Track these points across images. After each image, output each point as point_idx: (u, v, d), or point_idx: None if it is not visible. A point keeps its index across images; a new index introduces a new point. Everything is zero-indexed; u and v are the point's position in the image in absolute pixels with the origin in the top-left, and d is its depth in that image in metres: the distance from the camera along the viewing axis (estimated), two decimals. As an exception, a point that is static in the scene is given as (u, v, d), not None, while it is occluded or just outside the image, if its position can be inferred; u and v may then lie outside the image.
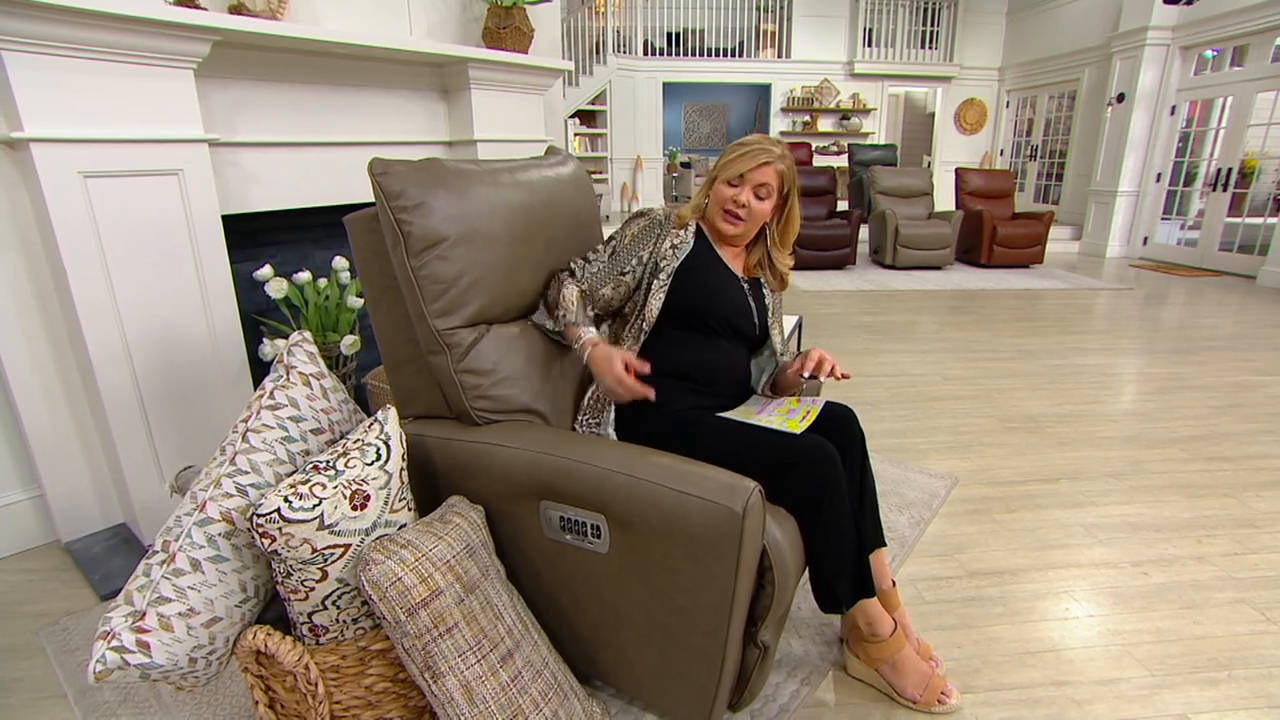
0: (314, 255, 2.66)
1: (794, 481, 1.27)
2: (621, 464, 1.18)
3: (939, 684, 1.39)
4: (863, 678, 1.46)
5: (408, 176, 1.24)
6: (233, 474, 1.11)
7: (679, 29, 10.08)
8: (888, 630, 1.39)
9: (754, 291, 1.56)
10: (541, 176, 1.52)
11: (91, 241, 1.71)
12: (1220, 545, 1.99)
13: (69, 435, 1.94)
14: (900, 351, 3.94)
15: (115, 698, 1.44)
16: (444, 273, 1.27)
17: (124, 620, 0.98)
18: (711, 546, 1.10)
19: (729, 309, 1.49)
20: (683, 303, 1.46)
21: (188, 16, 1.73)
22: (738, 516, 1.07)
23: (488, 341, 1.36)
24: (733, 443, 1.33)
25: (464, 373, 1.33)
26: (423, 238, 1.25)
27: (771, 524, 1.21)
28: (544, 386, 1.44)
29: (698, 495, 1.10)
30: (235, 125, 2.12)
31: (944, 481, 2.35)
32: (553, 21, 3.23)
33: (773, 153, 1.44)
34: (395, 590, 1.04)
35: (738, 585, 1.12)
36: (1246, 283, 6.10)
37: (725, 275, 1.52)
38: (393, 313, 1.38)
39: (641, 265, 1.47)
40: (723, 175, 1.46)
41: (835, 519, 1.27)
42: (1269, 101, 6.21)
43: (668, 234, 1.48)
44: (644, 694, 1.35)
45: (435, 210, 1.25)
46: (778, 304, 1.63)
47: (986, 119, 10.35)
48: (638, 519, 1.16)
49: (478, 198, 1.33)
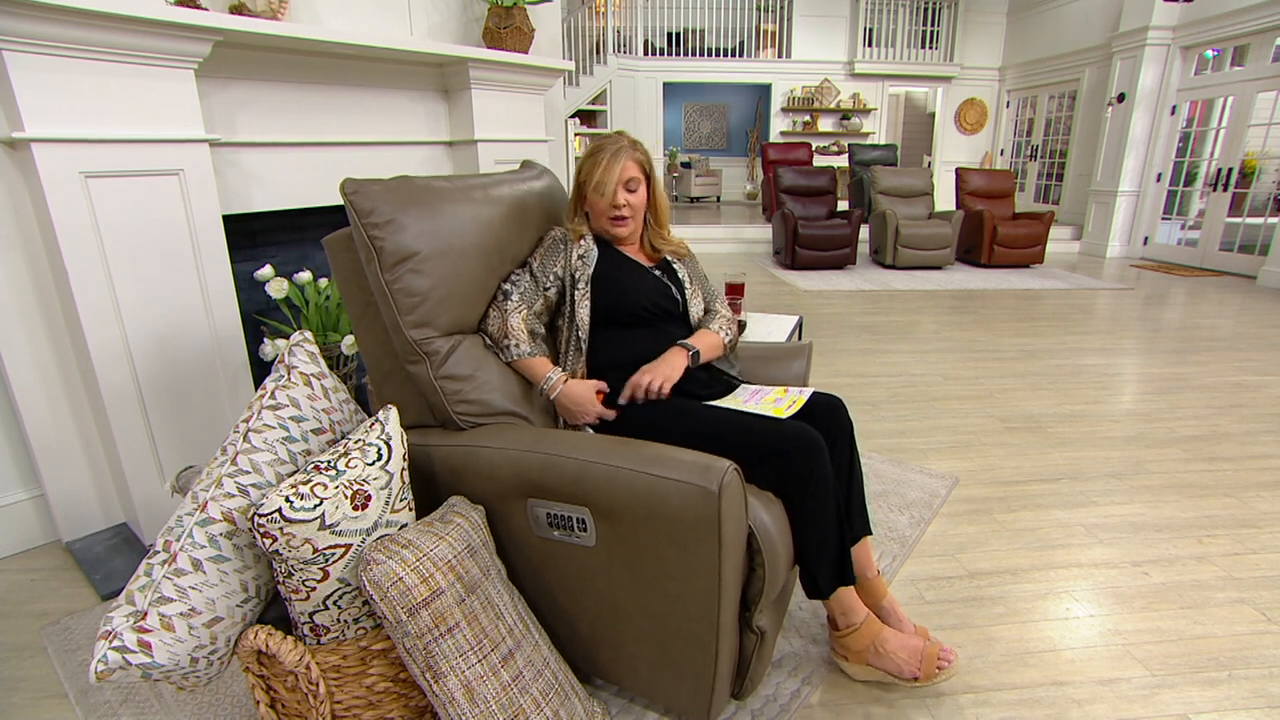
0: (315, 255, 2.66)
1: (779, 467, 1.29)
2: (600, 454, 1.20)
3: (933, 651, 1.37)
4: (865, 678, 1.45)
5: (379, 195, 1.29)
6: (234, 474, 1.11)
7: (679, 29, 10.08)
8: (860, 617, 1.40)
9: (666, 273, 1.64)
10: (513, 191, 1.58)
11: (92, 241, 1.72)
12: (1221, 545, 1.99)
13: (70, 435, 1.94)
14: (901, 351, 3.94)
15: (116, 697, 1.44)
16: (417, 286, 1.31)
17: (126, 620, 0.98)
18: (691, 528, 1.12)
19: (650, 294, 1.58)
20: (607, 303, 1.53)
21: (188, 17, 1.73)
22: (713, 495, 1.08)
23: (465, 349, 1.41)
24: (716, 429, 1.35)
25: (444, 379, 1.37)
26: (395, 253, 1.29)
27: (758, 507, 1.23)
28: (526, 389, 1.48)
29: (674, 478, 1.12)
30: (236, 125, 2.12)
31: (945, 481, 2.35)
32: (553, 21, 3.23)
33: (622, 144, 1.55)
34: (396, 590, 1.04)
35: (723, 566, 1.13)
36: (1247, 283, 6.10)
37: (635, 268, 1.60)
38: (373, 329, 1.42)
39: (559, 279, 1.53)
40: (591, 191, 1.55)
41: (818, 505, 1.28)
42: (1269, 101, 6.21)
43: (572, 248, 1.55)
44: (644, 689, 1.36)
45: (407, 226, 1.30)
46: (694, 273, 1.69)
47: (987, 119, 10.35)
48: (619, 508, 1.17)
49: (449, 213, 1.38)
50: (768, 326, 2.68)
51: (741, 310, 2.67)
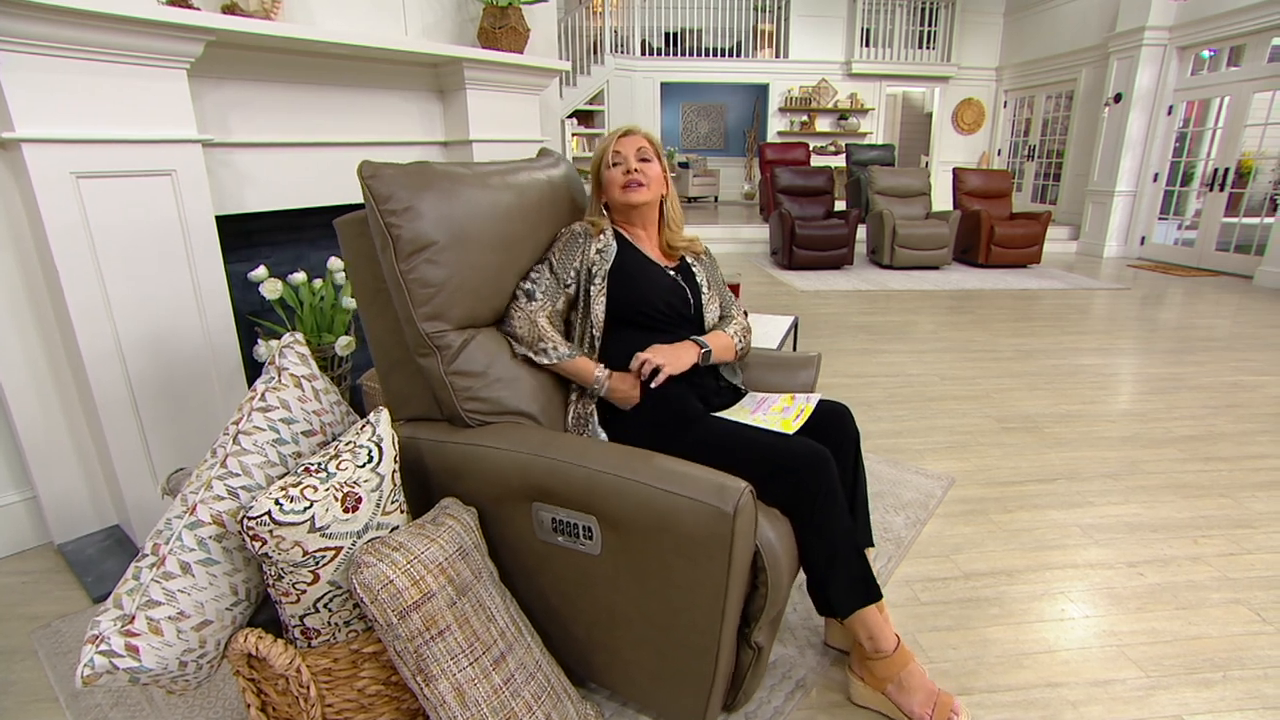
0: (310, 256, 2.65)
1: (787, 485, 1.26)
2: (611, 465, 1.18)
3: (947, 701, 1.31)
4: (868, 704, 1.38)
5: (397, 180, 1.24)
6: (223, 476, 1.10)
7: (677, 29, 10.08)
8: (891, 645, 1.34)
9: (683, 274, 1.62)
10: (532, 179, 1.53)
11: (84, 242, 1.71)
12: (1216, 545, 1.99)
13: (62, 437, 1.93)
14: (897, 352, 3.94)
15: (107, 701, 1.43)
16: (433, 276, 1.27)
17: (112, 624, 0.97)
18: (703, 546, 1.10)
19: (665, 294, 1.55)
20: (623, 298, 1.50)
21: (180, 16, 1.72)
22: (728, 517, 1.06)
23: (478, 344, 1.36)
24: (725, 444, 1.33)
25: (455, 375, 1.33)
26: (412, 241, 1.24)
27: (765, 525, 1.20)
28: (536, 388, 1.44)
29: (688, 496, 1.10)
30: (230, 126, 2.11)
31: (941, 482, 2.35)
32: (549, 21, 3.22)
33: (631, 126, 1.59)
34: (387, 593, 1.03)
35: (730, 585, 1.11)
36: (1243, 282, 6.10)
37: (653, 267, 1.58)
38: (383, 316, 1.38)
39: (577, 274, 1.51)
40: (605, 167, 1.57)
41: (828, 522, 1.26)
42: (1266, 101, 6.22)
43: (591, 242, 1.53)
44: (639, 695, 1.35)
45: (424, 214, 1.25)
46: (713, 278, 1.68)
47: (984, 119, 10.36)
48: (629, 520, 1.16)
49: (467, 201, 1.33)
50: (762, 327, 2.67)
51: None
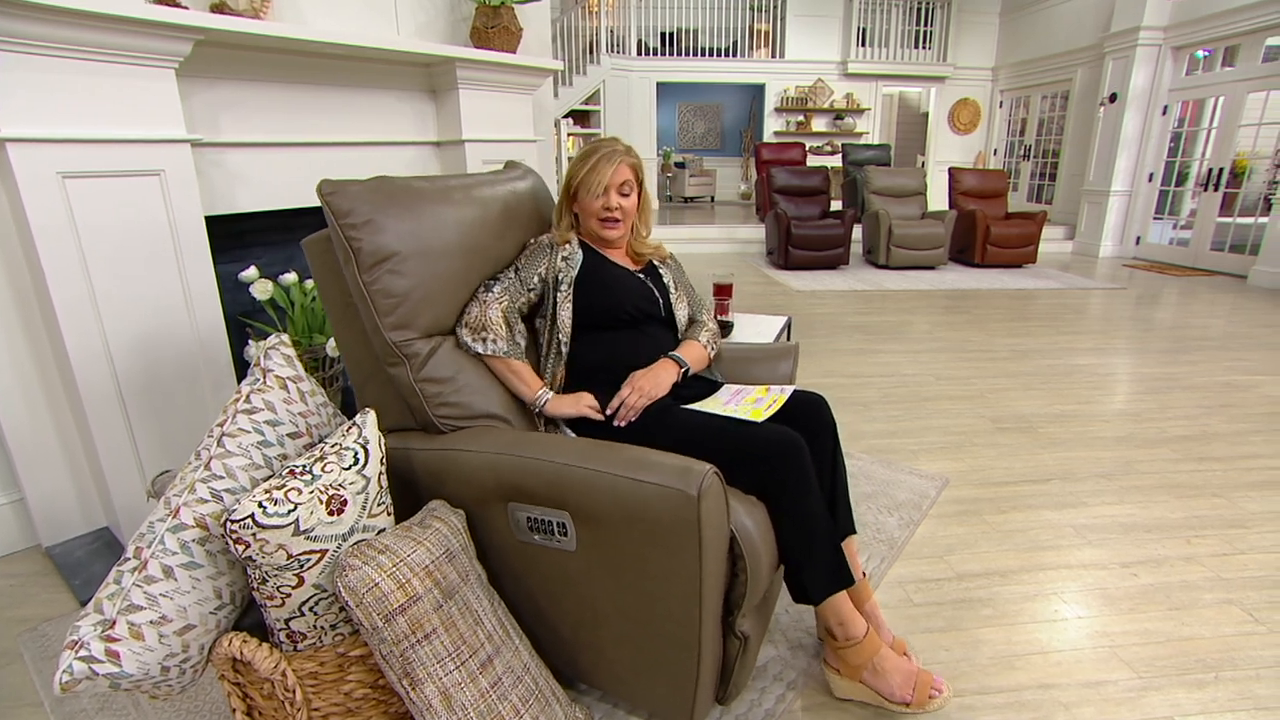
0: (302, 256, 2.62)
1: (758, 471, 1.28)
2: (579, 458, 1.19)
3: (927, 679, 1.34)
4: (850, 695, 1.39)
5: (358, 195, 1.27)
6: (207, 479, 1.09)
7: (673, 29, 10.07)
8: (860, 631, 1.36)
9: (651, 276, 1.63)
10: (495, 192, 1.57)
11: (70, 242, 1.69)
12: (1209, 546, 1.98)
13: (49, 438, 1.92)
14: (893, 352, 3.93)
15: (93, 705, 1.42)
16: (396, 286, 1.30)
17: (93, 629, 0.96)
18: (672, 532, 1.10)
19: (634, 297, 1.56)
20: (589, 305, 1.51)
21: (168, 15, 1.71)
22: (693, 499, 1.07)
23: (445, 351, 1.39)
24: (694, 435, 1.34)
25: (424, 381, 1.35)
26: (373, 253, 1.28)
27: (740, 511, 1.22)
28: (505, 392, 1.46)
29: (653, 482, 1.11)
30: (220, 125, 2.10)
31: (934, 482, 2.35)
32: (542, 21, 3.22)
33: (619, 150, 1.53)
34: (372, 596, 1.02)
35: (704, 570, 1.11)
36: (1238, 282, 6.11)
37: (619, 271, 1.59)
38: (353, 330, 1.41)
39: (542, 280, 1.52)
40: (583, 191, 1.54)
41: (802, 507, 1.27)
42: (1260, 101, 6.23)
43: (556, 251, 1.54)
44: (627, 694, 1.34)
45: (385, 227, 1.28)
46: (679, 279, 1.69)
47: (980, 119, 10.37)
48: (599, 512, 1.16)
49: (429, 214, 1.37)
50: (756, 326, 2.66)
51: (729, 311, 2.66)
